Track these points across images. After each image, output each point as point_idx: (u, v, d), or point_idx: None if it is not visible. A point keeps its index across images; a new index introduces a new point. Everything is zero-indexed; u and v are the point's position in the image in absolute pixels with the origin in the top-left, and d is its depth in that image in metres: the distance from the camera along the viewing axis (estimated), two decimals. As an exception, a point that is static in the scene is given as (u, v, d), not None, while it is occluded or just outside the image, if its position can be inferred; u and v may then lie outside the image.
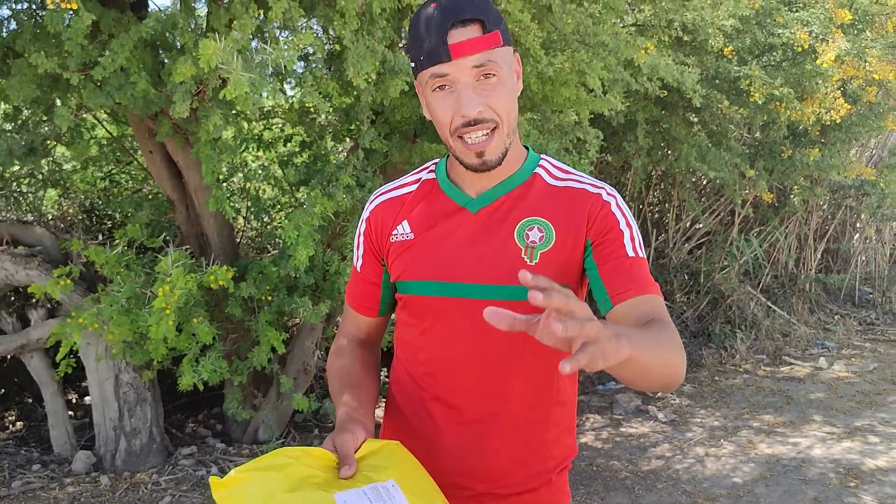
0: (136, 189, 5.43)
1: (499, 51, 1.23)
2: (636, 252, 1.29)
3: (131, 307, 3.27)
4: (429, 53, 1.23)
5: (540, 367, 1.35)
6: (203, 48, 2.25)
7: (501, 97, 1.24)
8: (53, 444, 4.22)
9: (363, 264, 1.47)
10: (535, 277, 0.89)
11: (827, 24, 4.43)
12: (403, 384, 1.46)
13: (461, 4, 1.22)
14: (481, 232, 1.33)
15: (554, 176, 1.37)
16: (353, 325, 1.54)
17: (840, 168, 5.27)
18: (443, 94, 1.25)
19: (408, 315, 1.42)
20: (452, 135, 1.26)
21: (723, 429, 4.43)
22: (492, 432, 1.36)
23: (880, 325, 6.84)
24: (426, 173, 1.44)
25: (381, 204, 1.43)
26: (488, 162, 1.27)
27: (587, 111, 3.91)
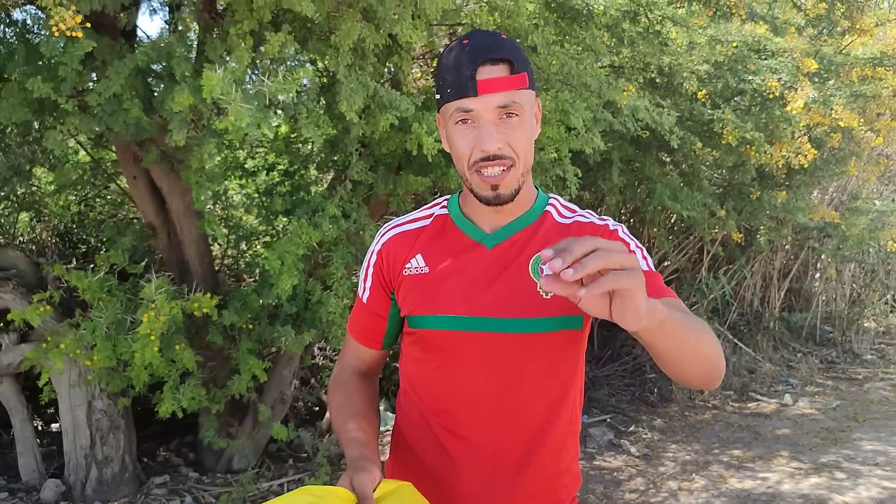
0: (112, 214, 5.40)
1: (523, 93, 1.28)
2: (650, 268, 1.33)
3: (112, 333, 3.25)
4: (456, 87, 1.27)
5: (557, 397, 1.38)
6: (206, 79, 2.29)
7: (521, 137, 1.29)
8: (21, 472, 4.13)
9: (370, 296, 1.47)
10: (554, 256, 0.91)
11: (794, 72, 4.63)
12: (414, 421, 1.46)
13: (493, 44, 1.27)
14: (498, 267, 1.36)
15: (563, 215, 1.42)
16: (355, 356, 1.54)
17: (806, 210, 5.46)
18: (465, 127, 1.29)
19: (420, 350, 1.42)
20: (470, 168, 1.30)
21: (694, 463, 4.51)
22: (511, 466, 1.37)
23: (841, 363, 7.02)
24: (438, 209, 1.47)
25: (395, 237, 1.45)
26: (502, 196, 1.31)
27: (567, 149, 4.01)
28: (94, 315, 3.24)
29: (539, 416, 1.37)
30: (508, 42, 1.29)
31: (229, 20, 3.00)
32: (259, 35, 3.03)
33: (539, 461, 1.38)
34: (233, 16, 2.95)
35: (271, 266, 3.31)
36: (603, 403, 5.62)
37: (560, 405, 1.39)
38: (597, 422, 5.24)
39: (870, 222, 6.48)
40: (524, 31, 3.76)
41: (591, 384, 5.88)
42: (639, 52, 4.40)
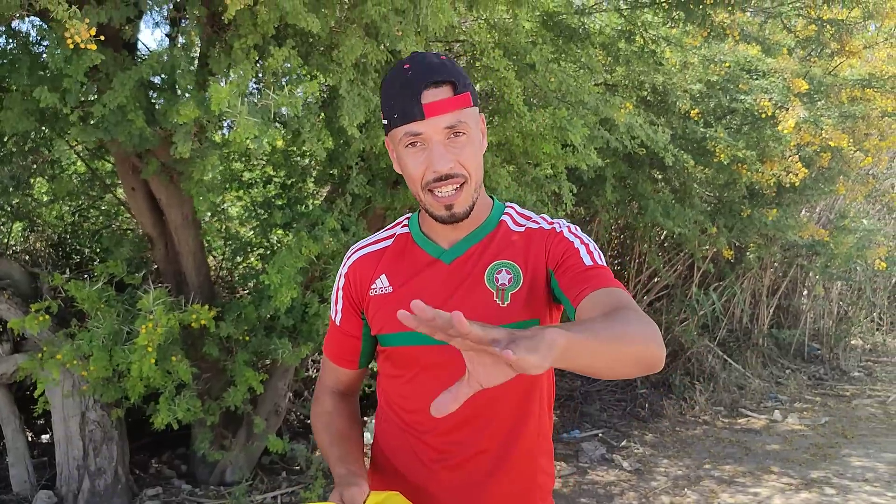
0: (106, 224, 5.40)
1: (468, 111, 1.33)
2: (594, 261, 1.36)
3: (109, 344, 3.25)
4: (403, 112, 1.31)
5: (524, 402, 1.44)
6: (215, 92, 2.32)
7: (470, 155, 1.33)
8: (13, 483, 4.10)
9: (343, 318, 1.51)
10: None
11: (785, 92, 4.71)
12: (391, 434, 1.50)
13: (434, 67, 1.31)
14: (455, 281, 1.41)
15: (517, 222, 1.47)
16: (333, 377, 1.58)
17: (795, 228, 5.54)
18: (415, 150, 1.32)
19: (391, 366, 1.48)
20: (423, 189, 1.34)
21: (686, 478, 4.54)
22: (485, 469, 1.43)
23: (829, 380, 7.09)
24: (400, 228, 1.51)
25: (360, 259, 1.50)
26: (457, 214, 1.35)
27: (563, 165, 4.06)
28: (91, 325, 3.24)
29: (508, 419, 1.43)
30: (449, 63, 1.34)
31: (233, 34, 3.03)
32: (262, 49, 3.07)
33: (512, 462, 1.44)
34: (237, 30, 2.98)
35: (271, 281, 3.33)
36: (594, 418, 5.65)
37: (527, 406, 1.44)
38: (589, 436, 5.27)
39: (857, 241, 6.57)
40: (522, 48, 3.82)
41: (583, 399, 5.91)
42: (633, 70, 4.47)
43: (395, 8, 2.98)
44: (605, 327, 1.15)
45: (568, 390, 6.01)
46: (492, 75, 3.75)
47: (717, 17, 4.14)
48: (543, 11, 4.29)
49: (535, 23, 4.35)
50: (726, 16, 4.19)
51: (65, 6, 2.12)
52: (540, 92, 4.04)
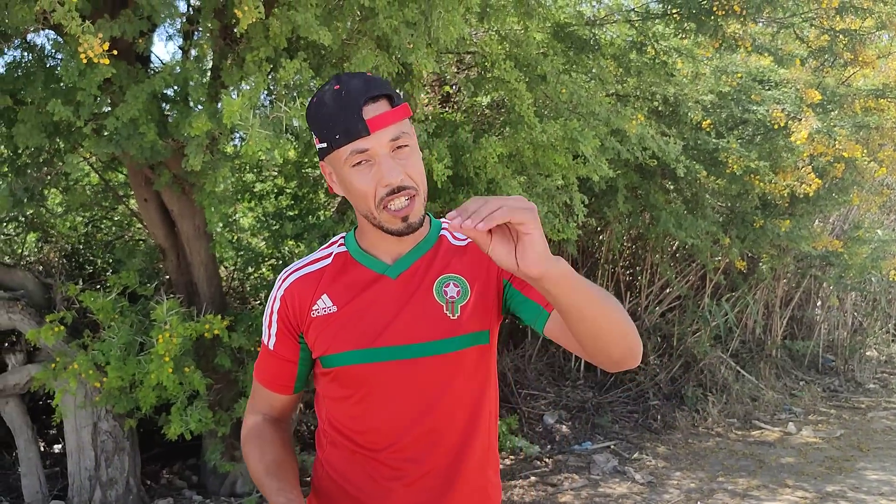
0: (119, 235, 5.43)
1: (407, 122, 1.33)
2: None
3: (124, 354, 3.27)
4: (346, 131, 1.28)
5: (474, 412, 1.44)
6: (227, 104, 2.33)
7: (416, 165, 1.33)
8: (24, 494, 4.11)
9: (277, 342, 1.46)
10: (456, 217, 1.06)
11: (798, 103, 4.69)
12: (339, 457, 1.47)
13: (367, 83, 1.31)
14: (404, 295, 1.40)
15: (457, 237, 1.47)
16: (266, 403, 1.52)
17: (809, 239, 5.50)
18: (362, 168, 1.30)
19: (338, 387, 1.44)
20: (377, 206, 1.31)
21: (699, 491, 4.50)
22: (439, 484, 1.42)
23: (844, 392, 7.02)
24: (336, 247, 1.48)
25: (297, 281, 1.45)
26: (413, 224, 1.33)
27: (574, 176, 4.06)
28: (106, 336, 3.25)
29: (459, 433, 1.43)
30: (378, 78, 1.34)
31: (245, 47, 3.05)
32: (274, 61, 3.08)
33: (464, 477, 1.44)
34: (249, 42, 3.00)
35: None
36: (606, 430, 5.61)
37: (477, 419, 1.45)
38: (601, 448, 5.24)
39: (872, 252, 6.52)
40: (534, 60, 3.82)
41: (595, 410, 5.88)
42: (644, 81, 4.47)
43: (407, 21, 3.00)
44: (602, 291, 1.23)
45: (580, 401, 5.98)
46: (503, 87, 3.76)
47: (728, 28, 4.13)
48: (555, 23, 4.30)
49: (547, 34, 4.36)
50: (738, 27, 4.18)
51: (78, 21, 2.14)
52: (551, 103, 4.04)
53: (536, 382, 6.08)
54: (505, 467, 4.83)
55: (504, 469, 4.79)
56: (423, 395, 1.39)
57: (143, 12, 2.89)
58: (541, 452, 5.10)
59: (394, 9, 2.93)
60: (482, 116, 4.89)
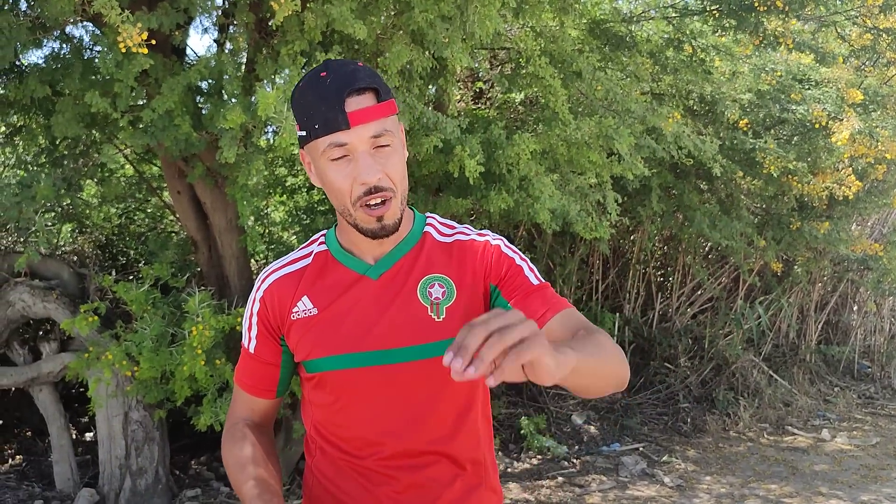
0: (151, 227, 5.48)
1: (392, 119, 1.27)
2: (539, 280, 1.35)
3: (157, 345, 3.29)
4: (325, 122, 1.22)
5: (466, 419, 1.39)
6: (262, 97, 2.33)
7: (396, 165, 1.26)
8: (56, 480, 4.17)
9: (258, 345, 1.41)
10: (454, 358, 0.93)
11: (839, 102, 4.58)
12: (327, 463, 1.43)
13: (354, 74, 1.24)
14: (386, 297, 1.34)
15: (442, 233, 1.41)
16: (247, 408, 1.46)
17: (847, 242, 5.38)
18: (341, 163, 1.25)
19: (323, 393, 1.39)
20: (354, 204, 1.27)
21: (729, 496, 4.43)
22: (435, 493, 1.38)
23: (880, 399, 6.87)
24: (317, 245, 1.42)
25: (276, 281, 1.39)
26: (387, 227, 1.28)
27: (608, 175, 4.01)
28: (139, 327, 3.28)
29: (448, 439, 1.38)
30: (368, 69, 1.27)
31: (280, 40, 3.05)
32: (308, 55, 3.08)
33: (456, 482, 1.40)
34: (284, 36, 3.00)
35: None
36: (635, 432, 5.55)
37: (467, 425, 1.40)
38: (629, 450, 5.18)
39: (912, 256, 6.36)
40: (569, 56, 3.78)
41: (623, 412, 5.82)
42: (681, 79, 4.39)
43: (442, 15, 2.97)
44: (596, 350, 1.18)
45: (609, 402, 5.92)
46: (537, 83, 3.72)
47: (769, 25, 4.05)
48: (590, 19, 4.25)
49: (582, 31, 4.30)
50: (779, 24, 4.10)
51: (118, 10, 2.14)
52: (585, 100, 4.00)
53: (565, 382, 6.03)
54: (532, 467, 4.80)
55: (531, 469, 4.75)
56: (409, 400, 1.35)
57: (179, 5, 2.90)
58: (568, 453, 5.06)
59: (429, 3, 2.91)
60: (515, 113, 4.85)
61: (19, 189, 2.96)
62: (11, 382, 4.17)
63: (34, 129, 3.61)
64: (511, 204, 3.64)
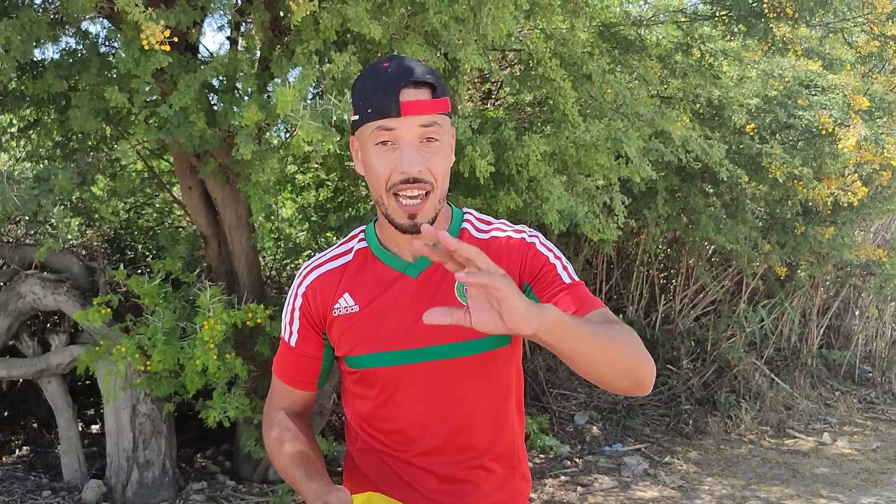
0: (159, 222, 5.52)
1: (444, 118, 1.29)
2: (572, 278, 1.36)
3: (168, 339, 3.33)
4: (378, 108, 1.26)
5: (500, 411, 1.43)
6: (280, 95, 2.36)
7: (440, 162, 1.29)
8: (64, 472, 4.20)
9: (299, 339, 1.44)
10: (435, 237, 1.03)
11: (846, 109, 4.62)
12: (366, 452, 1.46)
13: (415, 68, 1.27)
14: (426, 295, 1.37)
15: (479, 229, 1.43)
16: (287, 399, 1.49)
17: (851, 248, 5.42)
18: (385, 149, 1.27)
19: (364, 388, 1.42)
20: (388, 191, 1.29)
21: (731, 497, 4.46)
22: (472, 485, 1.42)
23: (881, 404, 6.90)
24: (357, 242, 1.45)
25: (319, 277, 1.42)
26: (419, 225, 1.29)
27: (616, 177, 4.04)
28: (151, 320, 3.31)
29: (485, 433, 1.42)
30: (429, 68, 1.30)
31: (294, 39, 3.08)
32: (322, 54, 3.11)
33: (492, 476, 1.43)
34: (299, 35, 3.03)
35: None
36: (637, 432, 5.58)
37: (503, 419, 1.44)
38: (631, 451, 5.21)
39: (915, 262, 6.39)
40: (579, 59, 3.81)
41: (626, 413, 5.85)
42: (689, 83, 4.43)
43: (456, 16, 3.00)
44: (602, 328, 1.19)
45: (611, 403, 5.95)
46: (547, 84, 3.74)
47: (778, 31, 4.08)
48: (600, 22, 4.28)
49: (592, 33, 4.34)
50: (788, 30, 4.13)
51: (141, 8, 2.18)
52: (594, 102, 4.03)
53: (567, 382, 6.06)
54: (535, 466, 4.83)
55: (534, 468, 4.79)
56: (448, 397, 1.38)
57: (196, 3, 2.93)
58: (571, 452, 5.09)
59: (444, 4, 2.94)
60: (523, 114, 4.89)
61: (36, 182, 2.99)
62: (21, 374, 4.20)
63: (48, 124, 3.65)
64: (520, 204, 3.67)
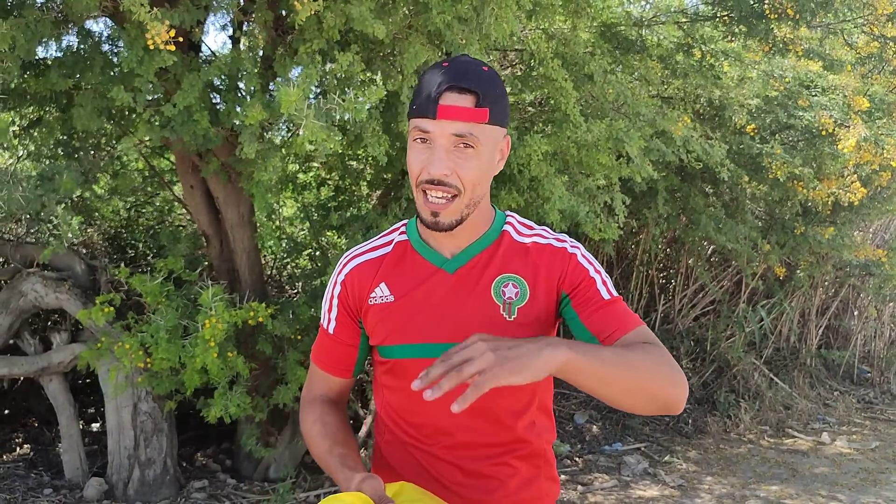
0: (160, 220, 5.52)
1: (484, 127, 1.29)
2: (611, 294, 1.38)
3: (171, 337, 3.33)
4: (420, 107, 1.29)
5: (532, 412, 1.45)
6: (284, 95, 2.37)
7: (472, 169, 1.30)
8: (65, 470, 4.21)
9: (337, 326, 1.47)
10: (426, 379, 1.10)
11: (846, 109, 4.63)
12: (394, 444, 1.48)
13: (465, 74, 1.28)
14: (460, 292, 1.39)
15: (520, 233, 1.45)
16: (324, 386, 1.53)
17: (851, 248, 5.43)
18: (422, 146, 1.31)
19: (394, 378, 1.44)
20: (417, 186, 1.32)
21: (730, 497, 4.47)
22: (498, 482, 1.43)
23: (879, 404, 6.92)
24: (398, 234, 1.47)
25: (358, 266, 1.45)
26: (441, 223, 1.32)
27: (617, 177, 4.05)
28: (154, 319, 3.32)
29: (512, 432, 1.43)
30: (486, 75, 1.30)
31: (298, 38, 3.09)
32: (325, 53, 3.12)
33: (518, 475, 1.44)
34: (302, 34, 3.04)
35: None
36: (637, 432, 5.60)
37: (531, 418, 1.45)
38: (631, 450, 5.22)
39: (914, 263, 6.41)
40: (580, 59, 3.82)
41: (626, 412, 5.86)
42: (690, 83, 4.44)
43: (459, 16, 3.01)
44: (619, 357, 1.20)
45: (610, 403, 5.96)
46: (548, 84, 3.75)
47: (779, 32, 4.09)
48: (602, 22, 4.29)
49: (593, 34, 4.35)
50: (788, 31, 4.14)
51: (147, 7, 2.18)
52: (595, 102, 4.04)
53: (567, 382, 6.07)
54: (535, 465, 4.84)
55: (534, 466, 4.79)
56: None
57: (200, 2, 2.94)
58: (571, 451, 5.10)
59: (447, 4, 2.94)
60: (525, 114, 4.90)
61: (40, 181, 3.00)
62: (22, 372, 4.20)
63: (51, 122, 3.65)
64: (521, 204, 3.68)
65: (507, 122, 1.36)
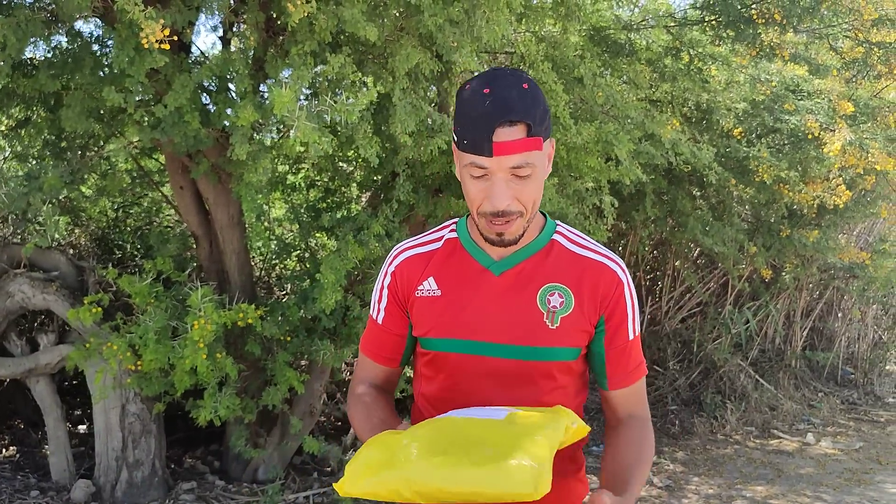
0: (148, 221, 5.49)
1: (536, 153, 1.31)
2: (635, 332, 1.45)
3: (160, 338, 3.32)
4: (473, 143, 1.29)
5: None
6: (277, 96, 2.37)
7: (531, 192, 1.33)
8: (52, 472, 4.18)
9: (385, 317, 1.51)
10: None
11: (831, 114, 4.68)
12: None
13: (512, 103, 1.27)
14: (506, 294, 1.42)
15: (572, 241, 1.48)
16: (372, 374, 1.57)
17: (836, 250, 5.49)
18: (478, 179, 1.32)
19: (432, 370, 1.48)
20: (480, 216, 1.35)
21: (717, 497, 4.51)
22: None
23: (863, 405, 6.99)
24: (448, 232, 1.52)
25: (408, 259, 1.50)
26: (506, 241, 1.37)
27: (606, 179, 4.08)
28: (142, 320, 3.31)
29: None
30: (529, 96, 1.29)
31: (289, 40, 3.09)
32: (317, 55, 3.12)
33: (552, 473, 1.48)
34: (293, 36, 3.04)
35: (326, 279, 3.35)
36: (624, 433, 5.62)
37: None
38: (618, 451, 5.25)
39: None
40: (570, 62, 3.84)
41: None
42: (678, 87, 4.48)
43: (451, 19, 3.03)
44: (644, 466, 1.38)
45: (598, 403, 5.99)
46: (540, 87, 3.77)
47: (766, 37, 4.13)
48: (591, 26, 4.32)
49: (583, 37, 4.37)
50: (775, 35, 4.19)
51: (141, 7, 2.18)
52: (585, 105, 4.06)
53: (555, 383, 6.10)
54: (523, 466, 4.85)
55: (522, 467, 4.81)
56: (509, 395, 1.42)
57: (192, 3, 2.93)
58: (559, 452, 5.12)
59: (438, 7, 2.96)
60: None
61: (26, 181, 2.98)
62: (9, 373, 4.17)
63: (38, 123, 3.64)
64: (511, 206, 3.69)
65: (551, 129, 1.37)
